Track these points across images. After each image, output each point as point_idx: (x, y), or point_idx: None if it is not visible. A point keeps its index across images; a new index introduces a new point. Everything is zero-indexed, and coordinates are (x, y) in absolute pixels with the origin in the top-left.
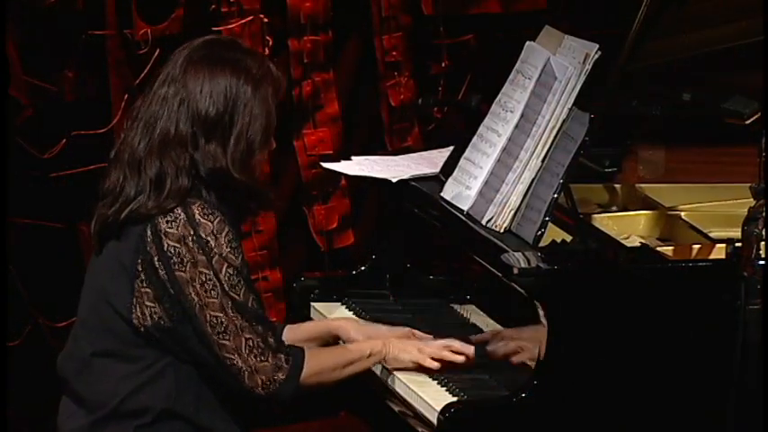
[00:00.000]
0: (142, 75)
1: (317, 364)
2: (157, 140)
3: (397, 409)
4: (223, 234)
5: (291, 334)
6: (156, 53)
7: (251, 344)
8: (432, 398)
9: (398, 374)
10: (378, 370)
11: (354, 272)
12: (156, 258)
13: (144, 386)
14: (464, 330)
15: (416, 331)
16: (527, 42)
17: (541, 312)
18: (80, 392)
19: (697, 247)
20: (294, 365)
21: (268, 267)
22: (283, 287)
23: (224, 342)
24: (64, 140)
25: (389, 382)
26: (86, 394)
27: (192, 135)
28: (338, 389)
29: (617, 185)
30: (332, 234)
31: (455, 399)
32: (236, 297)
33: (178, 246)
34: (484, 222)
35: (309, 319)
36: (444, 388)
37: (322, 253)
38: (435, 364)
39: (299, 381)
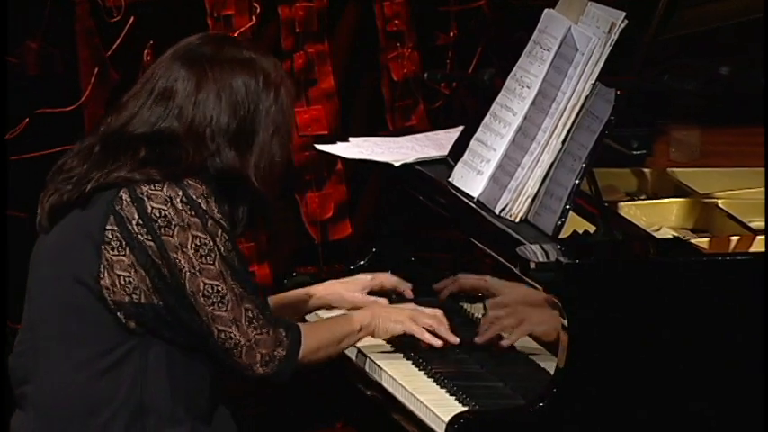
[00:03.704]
0: (114, 46)
1: (315, 341)
2: (165, 132)
3: (398, 419)
4: (213, 199)
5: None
6: (130, 21)
7: (250, 314)
8: (439, 407)
9: (401, 381)
10: (378, 376)
11: (352, 267)
12: (134, 222)
13: (103, 374)
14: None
15: (388, 277)
16: (545, 10)
17: (561, 311)
18: (31, 393)
19: (735, 238)
20: (293, 341)
21: (255, 261)
22: (272, 283)
23: (220, 313)
24: (26, 119)
25: (391, 389)
26: (37, 394)
27: (211, 137)
28: (335, 398)
29: (646, 170)
30: (327, 224)
31: (465, 408)
32: (234, 264)
33: (164, 207)
34: (497, 211)
35: (303, 320)
36: (453, 396)
37: (316, 245)
38: (437, 342)
39: (297, 358)
